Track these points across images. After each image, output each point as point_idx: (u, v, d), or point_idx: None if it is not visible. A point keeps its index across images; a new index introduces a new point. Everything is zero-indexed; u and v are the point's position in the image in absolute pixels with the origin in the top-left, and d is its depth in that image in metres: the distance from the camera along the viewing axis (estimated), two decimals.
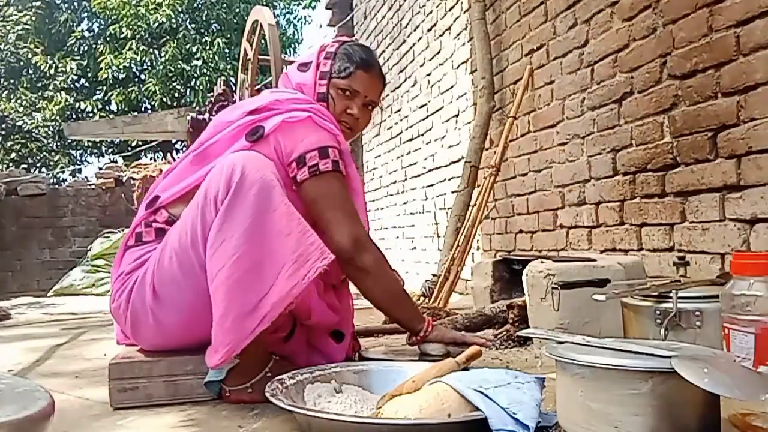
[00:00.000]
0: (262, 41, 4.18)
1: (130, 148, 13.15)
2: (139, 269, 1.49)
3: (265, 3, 12.85)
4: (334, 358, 1.60)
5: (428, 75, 4.73)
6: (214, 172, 1.42)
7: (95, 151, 14.84)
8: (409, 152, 5.24)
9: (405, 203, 5.39)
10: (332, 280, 1.60)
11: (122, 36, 12.76)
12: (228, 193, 1.35)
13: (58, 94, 13.28)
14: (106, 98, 13.60)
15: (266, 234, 1.32)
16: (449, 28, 4.29)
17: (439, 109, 4.50)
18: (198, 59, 12.76)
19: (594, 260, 1.92)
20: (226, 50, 13.00)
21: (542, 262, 1.92)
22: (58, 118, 13.11)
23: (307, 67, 1.68)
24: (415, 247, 5.13)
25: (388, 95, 5.85)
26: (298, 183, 1.50)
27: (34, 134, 14.29)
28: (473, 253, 3.79)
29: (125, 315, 1.49)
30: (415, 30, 5.03)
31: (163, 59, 12.82)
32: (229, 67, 12.72)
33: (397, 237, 5.64)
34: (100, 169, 9.26)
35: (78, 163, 15.21)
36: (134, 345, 1.58)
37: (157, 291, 1.43)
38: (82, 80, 13.98)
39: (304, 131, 1.52)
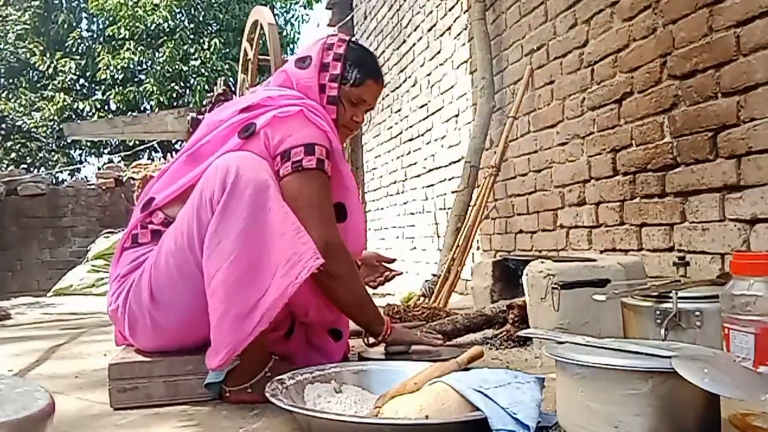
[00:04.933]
0: (262, 41, 4.19)
1: (129, 148, 13.15)
2: (135, 271, 1.48)
3: (263, 3, 12.85)
4: (333, 357, 1.60)
5: (428, 75, 4.73)
6: (209, 173, 1.41)
7: (95, 151, 14.84)
8: (409, 152, 5.24)
9: (405, 203, 5.39)
10: None
11: (120, 36, 12.76)
12: (223, 193, 1.35)
13: (57, 94, 13.28)
14: (104, 98, 13.61)
15: (262, 234, 1.32)
16: (449, 28, 4.29)
17: (439, 109, 4.50)
18: (196, 60, 12.77)
19: (594, 260, 1.92)
20: (224, 50, 13.01)
21: (542, 262, 1.92)
22: (56, 117, 13.12)
23: (305, 62, 1.63)
24: (415, 247, 5.13)
25: (388, 95, 5.85)
26: (280, 177, 1.46)
27: (33, 134, 14.29)
28: (473, 253, 3.79)
29: (123, 317, 1.49)
30: (415, 30, 5.03)
31: (161, 60, 12.83)
32: (226, 67, 12.72)
33: (397, 237, 5.64)
34: (100, 169, 9.26)
35: (78, 163, 15.21)
36: (133, 345, 1.58)
37: (154, 293, 1.43)
38: (81, 80, 13.98)
39: (293, 126, 1.49)
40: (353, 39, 1.73)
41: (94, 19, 14.07)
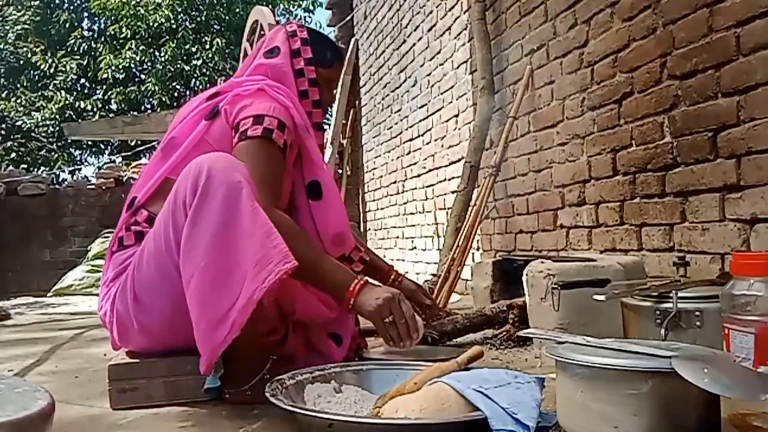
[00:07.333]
0: None
1: (129, 148, 13.15)
2: (122, 275, 1.48)
3: (265, 3, 12.85)
4: (333, 360, 1.59)
5: (428, 75, 4.73)
6: (183, 174, 1.39)
7: (95, 150, 14.84)
8: (409, 152, 5.24)
9: (405, 203, 5.39)
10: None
11: (122, 36, 12.77)
12: (195, 196, 1.32)
13: (58, 93, 13.28)
14: (105, 98, 13.61)
15: (232, 239, 1.29)
16: (449, 28, 4.28)
17: (439, 109, 4.50)
18: (197, 59, 12.77)
19: (594, 260, 1.92)
20: (226, 50, 13.01)
21: (542, 262, 1.92)
22: (57, 117, 13.11)
23: (274, 52, 1.68)
24: (415, 247, 5.13)
25: (388, 95, 5.85)
26: (233, 149, 1.47)
27: (33, 134, 14.28)
28: (473, 253, 3.79)
29: (111, 321, 1.49)
30: (415, 30, 5.03)
31: (162, 59, 12.83)
32: (228, 67, 12.72)
33: (397, 237, 5.64)
34: (100, 169, 9.25)
35: (78, 162, 15.20)
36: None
37: (137, 295, 1.43)
38: (82, 80, 13.98)
39: (249, 100, 1.53)
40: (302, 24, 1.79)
41: (96, 18, 14.08)
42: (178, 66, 12.72)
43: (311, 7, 15.29)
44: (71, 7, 14.20)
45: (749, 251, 1.86)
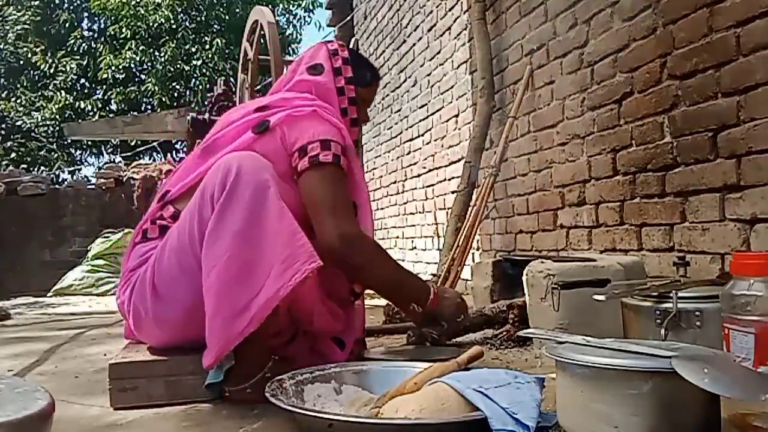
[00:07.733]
0: (262, 41, 4.18)
1: (130, 148, 13.15)
2: (142, 266, 1.51)
3: (264, 3, 12.85)
4: (335, 362, 1.60)
5: (428, 75, 4.73)
6: (212, 171, 1.43)
7: (95, 150, 14.83)
8: (409, 152, 5.24)
9: (405, 203, 5.39)
10: (339, 294, 1.61)
11: (122, 36, 12.77)
12: (223, 192, 1.35)
13: (58, 93, 13.27)
14: (105, 98, 13.61)
15: (258, 235, 1.33)
16: (449, 28, 4.29)
17: (439, 109, 4.50)
18: (197, 59, 12.77)
19: (594, 260, 1.92)
20: (226, 50, 13.01)
21: (542, 262, 1.91)
22: (57, 117, 13.11)
23: (318, 69, 1.70)
24: (415, 247, 5.13)
25: (388, 95, 5.85)
26: (298, 173, 1.51)
27: (33, 134, 14.28)
28: (473, 253, 3.79)
29: (128, 311, 1.51)
30: (415, 30, 5.03)
31: (162, 59, 12.83)
32: (228, 67, 12.72)
33: (397, 237, 5.64)
34: (100, 169, 9.25)
35: (78, 162, 15.20)
36: (142, 343, 1.60)
37: (156, 288, 1.44)
38: (82, 80, 13.98)
39: (308, 123, 1.55)
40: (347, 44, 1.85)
41: (96, 19, 14.08)
42: (178, 66, 12.72)
43: (311, 7, 15.28)
44: (71, 7, 14.19)
45: (749, 251, 1.86)
